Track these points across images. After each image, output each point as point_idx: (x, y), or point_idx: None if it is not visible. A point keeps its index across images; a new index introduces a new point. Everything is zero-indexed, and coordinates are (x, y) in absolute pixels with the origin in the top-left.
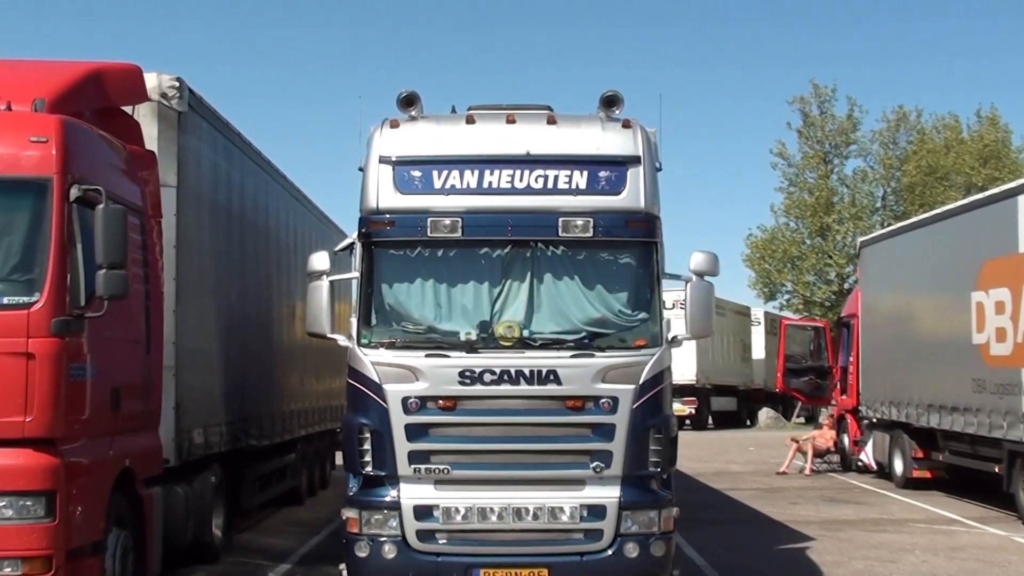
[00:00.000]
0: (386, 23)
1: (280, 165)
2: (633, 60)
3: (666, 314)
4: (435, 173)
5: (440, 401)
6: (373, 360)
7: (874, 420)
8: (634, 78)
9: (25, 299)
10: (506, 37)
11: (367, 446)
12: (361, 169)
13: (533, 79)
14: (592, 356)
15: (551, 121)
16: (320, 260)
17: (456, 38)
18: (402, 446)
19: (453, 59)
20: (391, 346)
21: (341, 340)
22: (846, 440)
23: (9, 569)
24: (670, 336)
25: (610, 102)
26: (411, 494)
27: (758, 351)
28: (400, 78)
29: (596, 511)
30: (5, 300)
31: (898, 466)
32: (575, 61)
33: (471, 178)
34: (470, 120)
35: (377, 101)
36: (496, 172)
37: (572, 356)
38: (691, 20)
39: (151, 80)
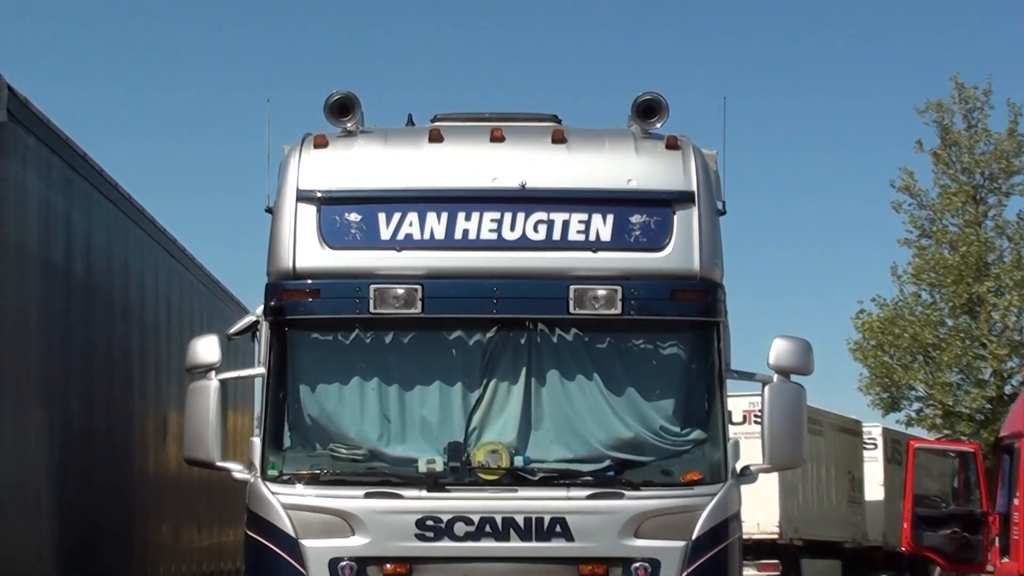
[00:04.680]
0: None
1: (152, 211)
2: (678, 48)
3: (733, 432)
4: (382, 217)
5: (388, 565)
6: (286, 502)
7: None
8: (682, 76)
9: None
10: (489, 23)
11: None
12: (270, 210)
13: (531, 78)
14: (620, 497)
15: (559, 138)
16: (207, 349)
17: (416, 21)
18: None
19: (412, 48)
20: (314, 480)
21: (237, 471)
22: None
23: None
24: (739, 467)
25: (648, 110)
26: None
27: (874, 489)
28: (327, 80)
29: None
30: None
31: None
32: (593, 53)
33: (436, 224)
34: (435, 136)
35: (297, 110)
36: (475, 216)
37: (589, 497)
38: None
39: None
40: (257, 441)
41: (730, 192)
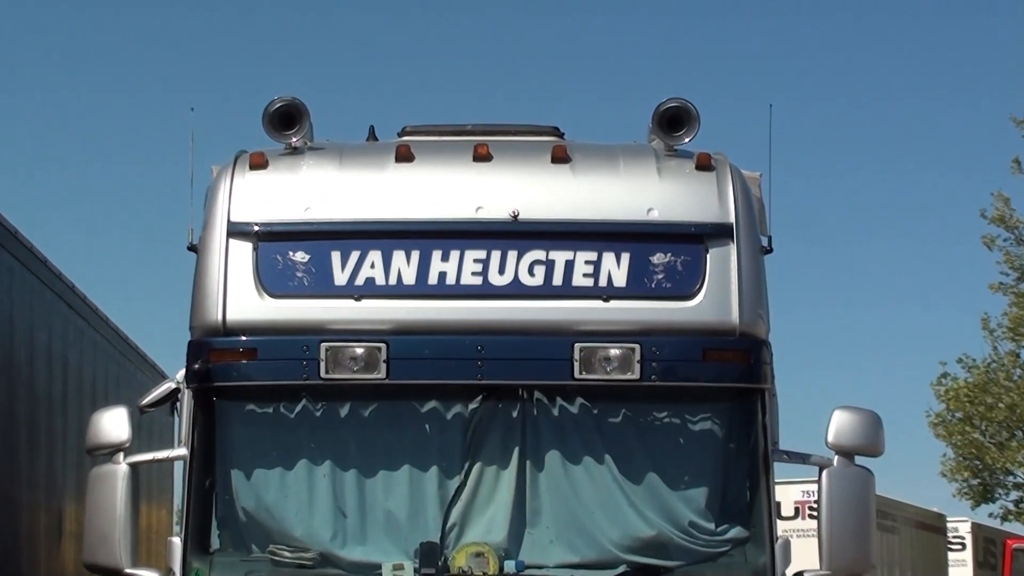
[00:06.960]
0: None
1: (44, 250)
2: (710, 45)
3: (782, 529)
4: (336, 257)
5: None
6: None
7: None
8: (715, 80)
9: None
10: (472, 11)
11: None
12: (193, 248)
13: (527, 81)
14: None
15: (560, 156)
16: (113, 425)
17: (379, 10)
18: None
19: (374, 45)
20: None
21: None
22: None
23: None
24: (790, 573)
25: (673, 121)
26: None
27: None
28: (267, 84)
29: None
30: None
31: None
32: (603, 50)
33: (405, 266)
34: (404, 154)
35: (228, 121)
36: (454, 255)
37: None
38: None
39: None
40: (177, 541)
41: (777, 225)
